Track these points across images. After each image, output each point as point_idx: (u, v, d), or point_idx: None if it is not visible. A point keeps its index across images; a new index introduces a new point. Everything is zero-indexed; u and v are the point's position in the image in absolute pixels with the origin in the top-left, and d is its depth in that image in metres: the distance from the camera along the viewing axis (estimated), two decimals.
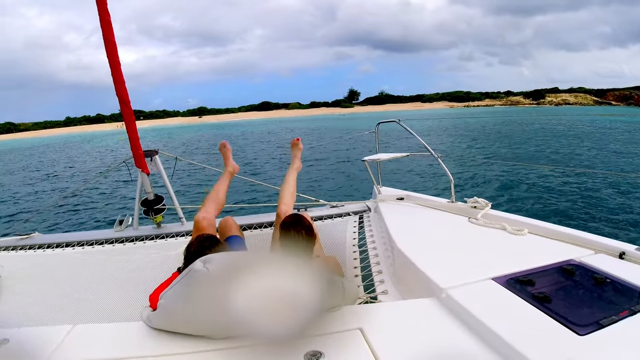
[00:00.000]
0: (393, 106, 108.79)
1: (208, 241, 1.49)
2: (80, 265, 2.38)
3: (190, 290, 1.05)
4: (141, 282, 2.07)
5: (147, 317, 1.15)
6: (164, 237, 2.63)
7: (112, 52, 2.23)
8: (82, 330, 1.14)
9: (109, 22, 2.20)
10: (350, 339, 1.01)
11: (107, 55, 2.22)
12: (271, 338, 0.96)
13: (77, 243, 2.66)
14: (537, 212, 7.03)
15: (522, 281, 1.21)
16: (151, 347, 1.05)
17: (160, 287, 1.43)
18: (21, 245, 2.69)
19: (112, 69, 2.25)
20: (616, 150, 13.98)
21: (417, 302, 1.25)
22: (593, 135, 19.64)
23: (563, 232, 1.61)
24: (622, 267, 1.29)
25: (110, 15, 2.20)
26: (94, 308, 1.91)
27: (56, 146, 38.10)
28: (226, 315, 0.98)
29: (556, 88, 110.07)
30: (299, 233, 1.64)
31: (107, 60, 2.23)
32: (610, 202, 7.31)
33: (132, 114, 2.43)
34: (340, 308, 1.17)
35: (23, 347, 1.05)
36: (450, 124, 32.69)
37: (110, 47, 2.22)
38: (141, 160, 2.59)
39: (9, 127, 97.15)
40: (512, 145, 17.62)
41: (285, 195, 2.22)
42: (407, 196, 2.55)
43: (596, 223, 6.28)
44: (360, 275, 1.84)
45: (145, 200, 2.71)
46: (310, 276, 1.03)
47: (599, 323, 0.97)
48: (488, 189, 8.98)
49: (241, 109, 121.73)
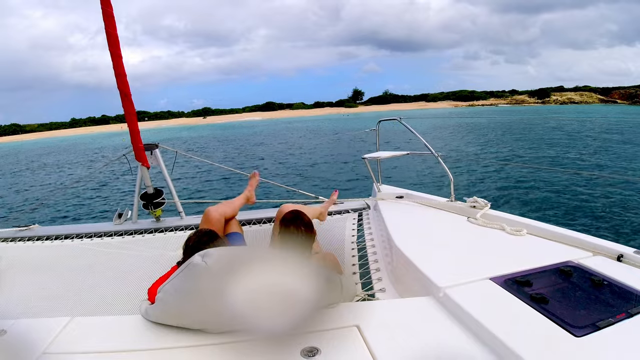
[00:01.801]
0: (397, 106, 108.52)
1: (206, 236, 1.50)
2: (79, 258, 2.38)
3: (188, 284, 1.05)
4: (140, 275, 2.07)
5: (145, 311, 1.15)
6: (163, 231, 2.63)
7: (114, 45, 2.22)
8: (80, 322, 1.14)
9: (112, 15, 2.19)
10: (347, 335, 1.02)
11: (109, 48, 2.22)
12: (268, 333, 0.97)
13: (76, 235, 2.66)
14: (536, 212, 7.03)
15: (519, 282, 1.21)
16: (149, 340, 1.05)
17: (158, 280, 1.43)
18: (20, 237, 2.69)
19: (114, 61, 2.25)
20: (617, 152, 13.97)
21: (415, 301, 1.25)
22: (595, 136, 19.59)
23: (561, 234, 1.61)
24: (620, 270, 1.29)
25: (113, 8, 2.20)
26: (92, 300, 1.92)
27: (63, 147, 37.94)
28: (224, 310, 0.98)
29: (561, 87, 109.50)
30: (299, 229, 1.65)
31: (109, 54, 2.23)
32: (609, 204, 7.31)
33: (133, 107, 2.42)
34: (337, 305, 1.17)
35: (20, 339, 1.06)
36: (452, 123, 32.64)
37: (112, 40, 2.21)
38: (141, 154, 2.59)
39: (15, 129, 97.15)
40: (513, 145, 17.61)
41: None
42: (406, 195, 2.55)
43: (595, 225, 6.29)
44: (358, 273, 1.84)
45: (145, 194, 2.71)
46: (309, 272, 1.03)
47: (595, 325, 0.98)
48: (487, 188, 8.98)
49: (245, 110, 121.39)
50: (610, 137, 18.37)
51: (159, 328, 1.10)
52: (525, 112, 47.72)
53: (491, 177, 10.19)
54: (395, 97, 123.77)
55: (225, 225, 2.09)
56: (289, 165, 14.54)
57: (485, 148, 17.10)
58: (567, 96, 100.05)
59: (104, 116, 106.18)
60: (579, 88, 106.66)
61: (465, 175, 10.36)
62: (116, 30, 2.23)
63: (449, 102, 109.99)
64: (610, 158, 12.69)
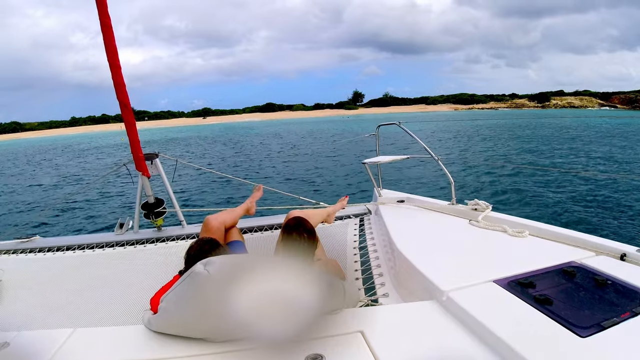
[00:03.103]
0: (397, 108, 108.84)
1: (208, 244, 1.49)
2: (81, 269, 2.38)
3: (191, 293, 1.05)
4: (142, 285, 2.07)
5: (148, 320, 1.15)
6: (164, 241, 2.63)
7: (113, 55, 2.24)
8: (82, 333, 1.14)
9: (110, 26, 2.21)
10: (351, 341, 1.01)
11: (108, 59, 2.24)
12: (272, 341, 0.96)
13: (77, 246, 2.66)
14: (538, 213, 7.02)
15: (523, 283, 1.21)
16: (152, 350, 1.05)
17: (161, 290, 1.43)
18: (22, 249, 2.68)
19: (113, 72, 2.26)
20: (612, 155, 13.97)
21: (418, 305, 1.24)
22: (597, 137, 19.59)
23: (564, 234, 1.61)
24: (623, 269, 1.29)
25: (111, 19, 2.21)
26: (95, 311, 1.91)
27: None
28: (227, 318, 0.98)
29: (561, 91, 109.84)
30: (301, 236, 1.65)
31: (108, 64, 2.25)
32: (611, 204, 7.30)
33: (133, 118, 2.43)
34: (341, 311, 1.17)
35: (23, 351, 1.05)
36: (451, 125, 32.67)
37: (111, 51, 2.23)
38: (141, 164, 2.59)
39: (15, 127, 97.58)
40: (513, 146, 17.62)
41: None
42: (407, 198, 2.55)
43: (597, 225, 6.27)
44: (361, 278, 1.84)
45: (146, 204, 2.71)
46: (312, 279, 1.03)
47: (600, 325, 0.97)
48: (489, 191, 8.97)
49: (245, 110, 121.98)
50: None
51: (162, 338, 1.09)
52: (523, 116, 47.83)
53: (492, 179, 10.19)
54: (395, 100, 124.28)
55: (225, 234, 2.09)
56: (289, 170, 14.54)
57: (485, 150, 17.11)
58: (567, 100, 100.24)
59: (104, 115, 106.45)
60: (579, 92, 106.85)
61: (466, 178, 10.35)
62: (114, 41, 2.24)
63: (449, 105, 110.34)
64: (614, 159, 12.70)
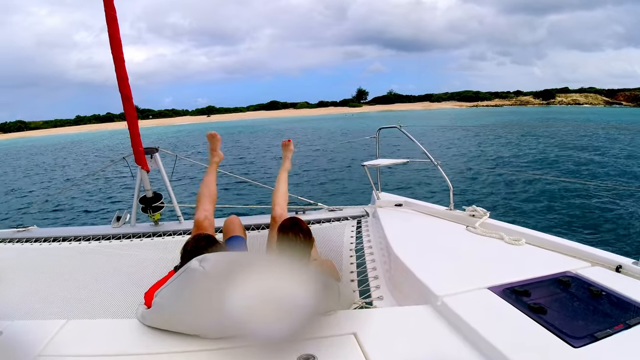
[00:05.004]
0: (401, 106, 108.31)
1: (204, 240, 1.49)
2: (76, 260, 2.37)
3: (185, 289, 1.05)
4: (137, 279, 2.06)
5: (142, 315, 1.15)
6: (161, 235, 2.63)
7: (117, 48, 2.24)
8: (75, 325, 1.13)
9: (115, 18, 2.21)
10: (344, 343, 1.01)
11: (112, 51, 2.24)
12: (265, 339, 0.96)
13: (74, 238, 2.65)
14: (535, 222, 7.03)
15: (518, 291, 1.21)
16: (144, 344, 1.05)
17: (155, 285, 1.42)
18: (18, 238, 2.68)
19: (116, 64, 2.26)
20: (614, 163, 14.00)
21: (412, 309, 1.25)
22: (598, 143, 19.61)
23: (560, 244, 1.61)
24: (618, 281, 1.29)
25: (116, 11, 2.21)
26: (89, 303, 1.91)
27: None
28: (220, 315, 0.97)
29: (566, 88, 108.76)
30: (297, 236, 1.64)
31: (112, 57, 2.25)
32: (609, 214, 7.31)
33: (134, 110, 2.43)
34: (335, 312, 1.17)
35: (16, 340, 1.05)
36: (452, 124, 32.60)
37: (115, 43, 2.23)
38: (141, 157, 2.59)
39: (20, 125, 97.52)
40: (513, 152, 17.63)
41: (279, 197, 2.24)
42: (405, 202, 2.55)
43: (594, 235, 6.28)
44: (356, 280, 1.84)
45: (144, 198, 2.71)
46: (306, 279, 1.03)
47: (593, 336, 0.97)
48: (487, 197, 8.98)
49: (249, 108, 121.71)
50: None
51: (155, 332, 1.09)
52: (526, 113, 47.26)
53: (490, 185, 10.19)
54: (400, 97, 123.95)
55: (227, 228, 2.08)
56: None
57: (485, 154, 17.12)
58: (572, 97, 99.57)
59: (109, 114, 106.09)
60: (584, 89, 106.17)
61: (465, 183, 10.35)
62: (119, 33, 2.24)
63: (453, 103, 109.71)
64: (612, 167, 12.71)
